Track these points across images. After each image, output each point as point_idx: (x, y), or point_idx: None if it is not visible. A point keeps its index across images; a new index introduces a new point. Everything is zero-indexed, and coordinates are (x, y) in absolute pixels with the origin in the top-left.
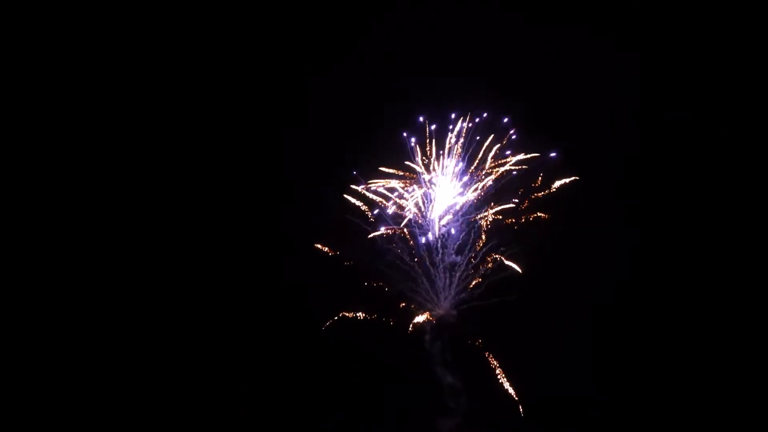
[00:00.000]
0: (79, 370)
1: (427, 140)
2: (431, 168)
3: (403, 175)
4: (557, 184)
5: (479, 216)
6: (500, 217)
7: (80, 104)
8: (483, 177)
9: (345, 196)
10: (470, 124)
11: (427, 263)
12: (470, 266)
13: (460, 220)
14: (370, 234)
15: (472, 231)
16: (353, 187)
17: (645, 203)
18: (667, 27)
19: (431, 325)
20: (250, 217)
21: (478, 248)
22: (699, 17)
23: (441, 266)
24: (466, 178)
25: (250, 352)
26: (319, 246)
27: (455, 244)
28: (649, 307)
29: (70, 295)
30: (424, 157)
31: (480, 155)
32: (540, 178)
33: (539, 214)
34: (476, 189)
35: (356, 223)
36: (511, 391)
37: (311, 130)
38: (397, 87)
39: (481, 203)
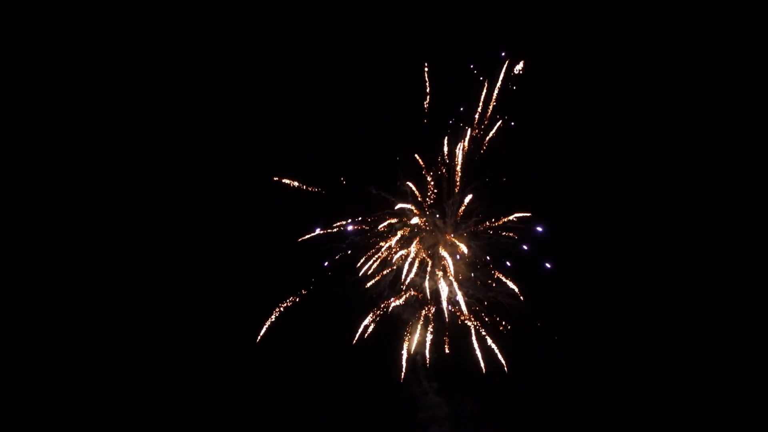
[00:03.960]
0: (77, 370)
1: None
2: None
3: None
4: None
5: None
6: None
7: (80, 104)
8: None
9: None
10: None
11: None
12: None
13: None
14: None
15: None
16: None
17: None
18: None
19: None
20: (249, 218)
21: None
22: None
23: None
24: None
25: (248, 354)
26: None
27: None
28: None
29: (69, 296)
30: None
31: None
32: None
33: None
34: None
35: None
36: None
37: (311, 130)
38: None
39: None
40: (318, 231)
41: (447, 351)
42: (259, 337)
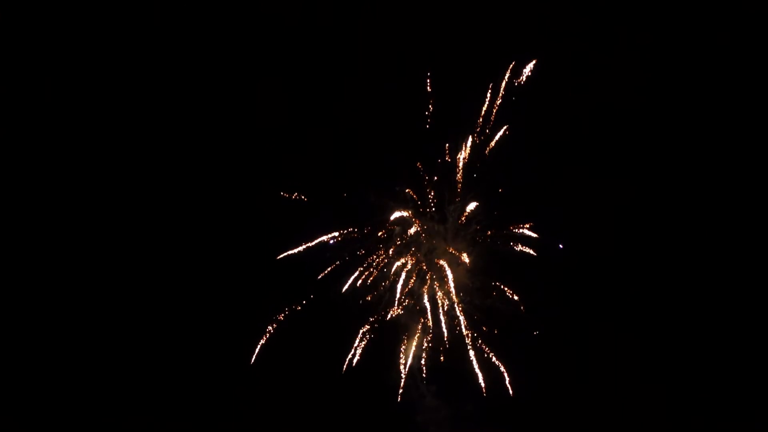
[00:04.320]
0: (76, 371)
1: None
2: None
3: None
4: None
5: None
6: None
7: (80, 104)
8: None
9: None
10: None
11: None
12: None
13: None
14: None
15: None
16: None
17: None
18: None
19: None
20: (249, 220)
21: None
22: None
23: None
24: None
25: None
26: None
27: None
28: None
29: (69, 297)
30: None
31: None
32: None
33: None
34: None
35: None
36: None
37: (311, 132)
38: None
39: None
40: (316, 240)
41: (442, 360)
42: (259, 344)
